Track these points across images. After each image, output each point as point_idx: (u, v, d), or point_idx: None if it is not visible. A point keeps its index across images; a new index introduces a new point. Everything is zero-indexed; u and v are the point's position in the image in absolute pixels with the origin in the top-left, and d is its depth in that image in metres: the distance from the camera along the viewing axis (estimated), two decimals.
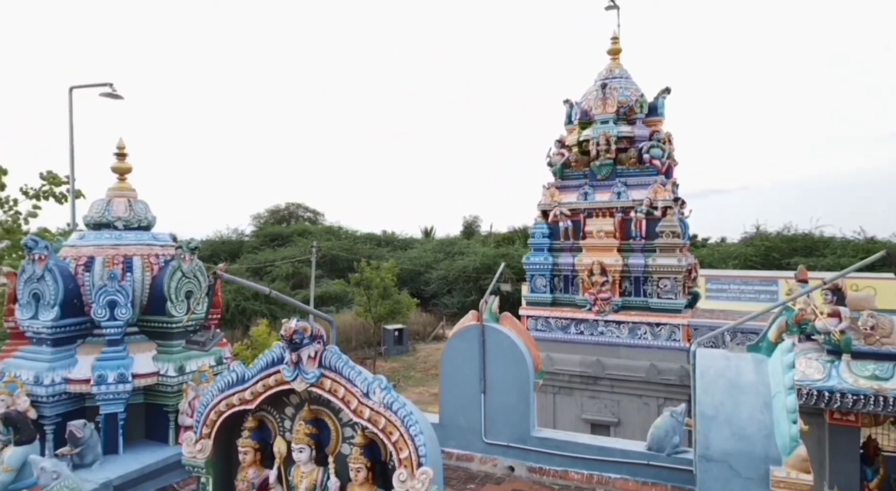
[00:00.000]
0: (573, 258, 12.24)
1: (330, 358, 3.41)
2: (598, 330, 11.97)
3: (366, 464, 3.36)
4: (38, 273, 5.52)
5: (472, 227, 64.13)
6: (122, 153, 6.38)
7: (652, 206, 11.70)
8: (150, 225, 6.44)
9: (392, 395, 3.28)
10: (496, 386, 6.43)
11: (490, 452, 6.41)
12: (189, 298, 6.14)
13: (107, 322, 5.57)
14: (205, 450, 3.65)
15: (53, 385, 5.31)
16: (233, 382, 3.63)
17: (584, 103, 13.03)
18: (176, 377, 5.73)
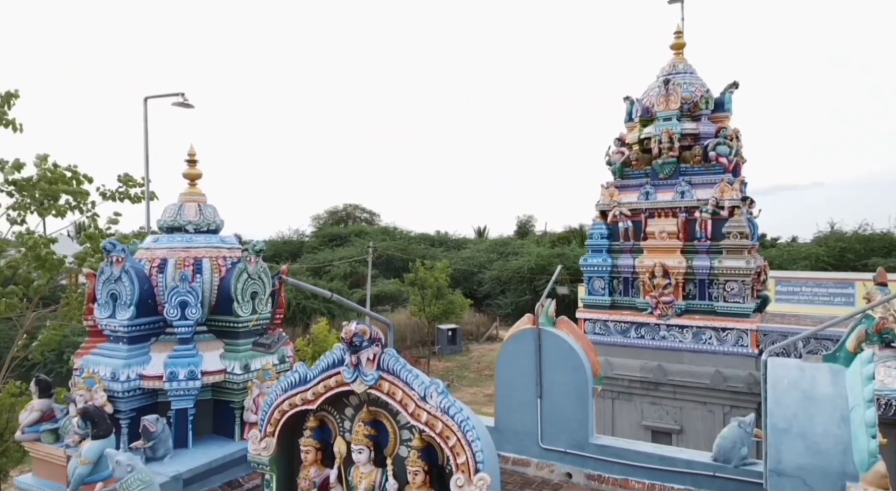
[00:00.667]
0: (633, 260, 11.94)
1: (388, 361, 3.45)
2: (660, 334, 11.62)
3: (423, 467, 3.38)
4: (116, 274, 5.83)
5: (527, 226, 63.60)
6: (193, 160, 6.66)
7: (718, 206, 11.26)
8: (218, 228, 6.70)
9: (449, 399, 3.29)
10: (553, 391, 6.35)
11: (547, 458, 6.33)
12: (254, 299, 6.34)
13: (178, 321, 5.83)
14: (269, 447, 3.77)
15: (129, 381, 5.59)
16: (295, 383, 3.73)
17: (646, 100, 12.68)
18: (242, 375, 5.94)
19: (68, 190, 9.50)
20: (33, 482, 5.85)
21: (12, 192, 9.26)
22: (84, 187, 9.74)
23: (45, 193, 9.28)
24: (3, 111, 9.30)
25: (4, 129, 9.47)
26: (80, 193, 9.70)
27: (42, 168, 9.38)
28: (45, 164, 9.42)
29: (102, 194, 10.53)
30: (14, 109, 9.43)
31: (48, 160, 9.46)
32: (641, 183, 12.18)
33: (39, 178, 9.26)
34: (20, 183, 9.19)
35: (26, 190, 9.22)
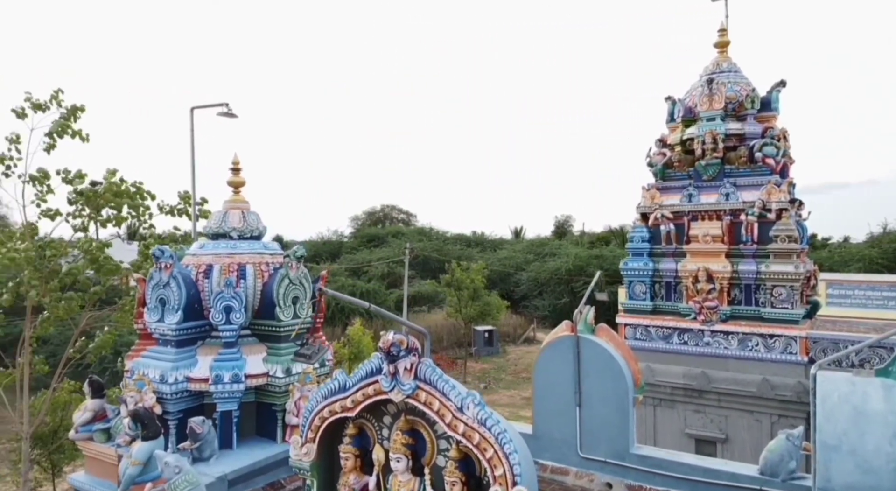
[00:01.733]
0: (676, 264, 11.69)
1: (425, 371, 3.48)
2: (704, 340, 11.35)
3: (461, 478, 3.39)
4: (165, 280, 6.04)
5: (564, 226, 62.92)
6: (237, 168, 6.84)
7: (765, 209, 10.94)
8: (261, 235, 6.87)
9: (486, 411, 3.29)
10: (592, 399, 6.27)
11: (586, 467, 6.26)
12: (295, 304, 6.48)
13: (223, 325, 6.01)
14: (310, 453, 3.85)
15: (177, 383, 5.79)
16: (335, 390, 3.80)
17: (689, 100, 12.41)
18: (283, 378, 6.07)
19: (131, 204, 9.95)
20: (86, 480, 6.10)
21: (77, 201, 9.72)
22: (147, 203, 10.20)
23: (108, 205, 9.74)
24: (69, 123, 9.77)
25: (71, 139, 9.95)
26: (143, 209, 10.16)
27: (109, 181, 9.83)
28: (113, 178, 9.87)
29: (161, 208, 10.96)
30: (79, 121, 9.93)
31: (116, 174, 9.91)
32: (684, 185, 11.92)
33: (105, 190, 9.70)
34: (87, 193, 9.65)
35: (92, 201, 9.67)
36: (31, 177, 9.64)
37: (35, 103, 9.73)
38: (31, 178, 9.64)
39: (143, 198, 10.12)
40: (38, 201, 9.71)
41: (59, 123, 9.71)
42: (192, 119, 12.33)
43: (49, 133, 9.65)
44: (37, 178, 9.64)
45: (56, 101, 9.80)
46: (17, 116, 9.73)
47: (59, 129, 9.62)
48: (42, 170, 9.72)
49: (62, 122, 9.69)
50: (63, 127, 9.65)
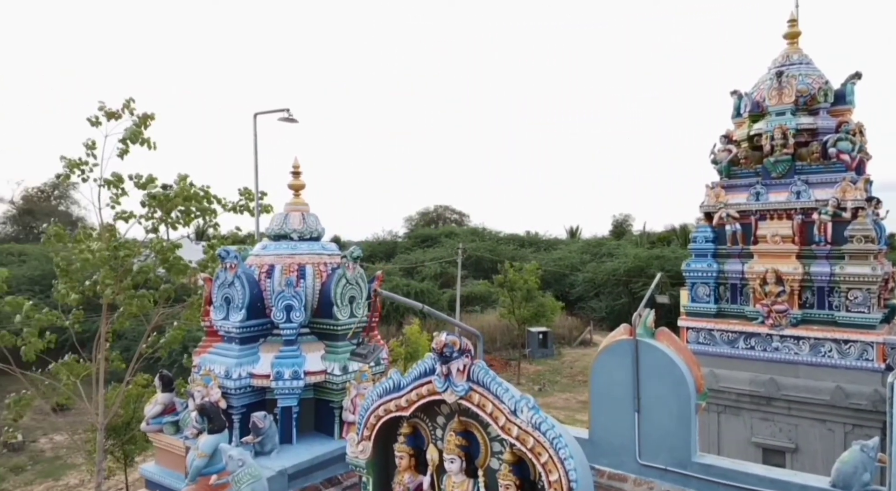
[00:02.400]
0: (742, 265, 11.21)
1: (478, 373, 3.48)
2: (773, 346, 10.84)
3: (515, 482, 3.37)
4: (230, 279, 6.28)
5: (623, 226, 61.39)
6: (297, 171, 7.04)
7: (839, 207, 10.33)
8: (320, 236, 7.04)
9: (540, 415, 3.26)
10: (652, 406, 6.10)
11: (645, 474, 6.09)
12: (352, 303, 6.61)
13: (284, 324, 6.19)
14: (365, 451, 3.91)
15: (240, 379, 6.01)
16: (390, 389, 3.85)
17: (756, 94, 11.87)
18: (340, 376, 6.21)
19: (199, 207, 10.43)
20: (155, 470, 6.40)
21: (150, 204, 10.27)
22: (213, 207, 10.67)
23: (178, 209, 10.26)
24: (140, 131, 10.32)
25: (140, 146, 10.51)
26: (210, 212, 10.64)
27: (181, 186, 10.34)
28: (184, 183, 10.39)
29: (223, 206, 11.41)
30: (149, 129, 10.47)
31: (187, 180, 10.42)
32: (751, 183, 11.41)
33: (176, 194, 10.21)
34: (160, 197, 10.18)
35: (163, 205, 10.20)
36: (105, 181, 10.22)
37: (108, 112, 10.30)
38: (106, 182, 10.22)
39: (209, 202, 10.57)
40: (113, 204, 10.29)
41: (132, 130, 10.25)
42: (255, 124, 12.81)
43: (123, 139, 10.20)
44: (111, 182, 10.21)
45: (128, 110, 10.35)
46: (91, 125, 10.31)
47: (132, 136, 10.15)
48: (116, 174, 10.30)
49: (135, 128, 10.22)
50: (135, 134, 10.19)
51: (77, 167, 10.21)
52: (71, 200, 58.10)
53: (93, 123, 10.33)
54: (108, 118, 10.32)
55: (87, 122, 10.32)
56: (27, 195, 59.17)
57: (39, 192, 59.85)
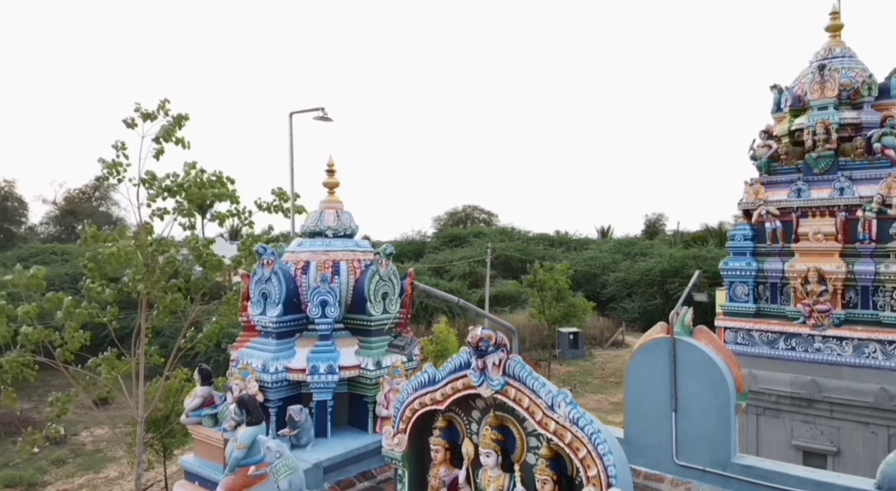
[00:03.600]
0: (783, 264, 10.91)
1: (514, 367, 3.46)
2: (814, 346, 10.53)
3: (552, 477, 3.35)
4: (266, 275, 6.39)
5: (656, 226, 60.33)
6: (332, 170, 7.12)
7: (884, 204, 9.98)
8: (353, 233, 7.11)
9: (578, 410, 3.23)
10: (690, 406, 5.98)
11: (683, 475, 5.98)
12: (385, 299, 6.66)
13: (319, 319, 6.27)
14: (401, 444, 3.93)
15: (277, 373, 6.11)
16: (425, 383, 3.86)
17: (797, 88, 11.55)
18: (374, 371, 6.26)
19: (215, 193, 10.59)
20: (195, 462, 6.55)
21: (165, 197, 10.48)
22: (231, 189, 10.79)
23: (193, 197, 10.44)
24: (174, 129, 10.56)
25: (175, 146, 10.74)
26: (228, 196, 10.77)
27: (190, 174, 10.53)
28: (193, 170, 10.56)
29: (259, 206, 11.60)
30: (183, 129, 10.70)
31: (196, 166, 10.60)
32: (792, 179, 11.10)
33: (188, 183, 10.40)
34: (173, 189, 10.39)
35: (177, 194, 10.40)
36: (141, 180, 10.47)
37: (144, 113, 10.55)
38: (142, 181, 10.47)
39: (223, 185, 10.69)
40: (149, 202, 10.54)
41: (165, 129, 10.46)
42: (291, 124, 12.98)
43: (156, 138, 10.43)
44: (146, 181, 10.46)
45: (163, 111, 10.59)
46: (127, 126, 10.55)
47: (165, 134, 10.37)
48: (150, 172, 10.53)
49: (168, 127, 10.43)
50: (169, 132, 10.40)
51: (114, 168, 10.46)
52: (111, 201, 59.86)
53: (128, 125, 10.58)
54: (143, 119, 10.57)
55: (123, 123, 10.60)
56: (69, 196, 61.25)
57: (81, 194, 61.78)
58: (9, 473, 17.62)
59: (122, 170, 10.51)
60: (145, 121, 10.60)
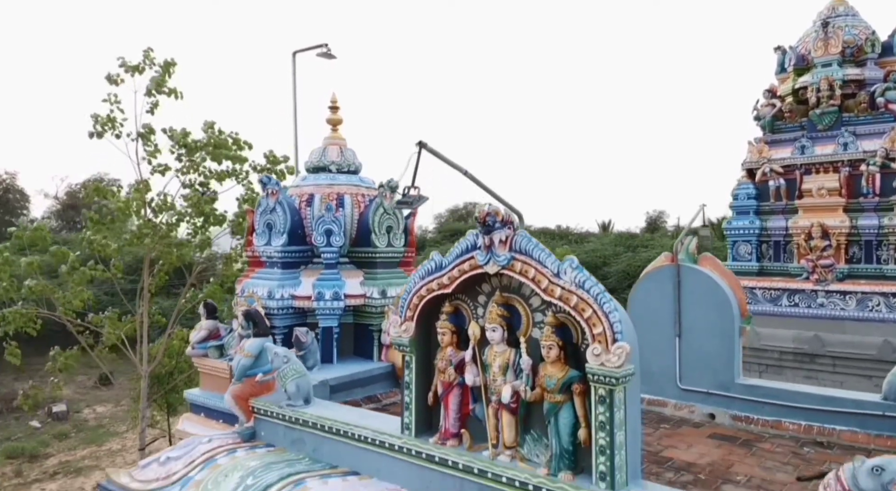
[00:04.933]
0: (786, 221, 10.92)
1: (520, 242, 3.48)
2: (817, 302, 10.54)
3: (557, 342, 3.36)
4: (271, 206, 6.41)
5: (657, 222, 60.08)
6: (335, 106, 7.14)
7: (888, 158, 9.99)
8: (357, 170, 7.12)
9: (584, 274, 3.25)
10: (694, 330, 6.00)
11: (686, 399, 6.00)
12: (389, 233, 6.69)
13: (324, 248, 6.30)
14: (409, 330, 3.95)
15: (283, 299, 6.14)
16: (432, 270, 3.88)
17: (801, 47, 11.54)
18: (379, 299, 6.29)
19: (230, 155, 10.58)
20: (200, 394, 6.57)
21: (181, 156, 10.45)
22: (243, 154, 10.79)
23: (210, 157, 10.42)
24: (164, 80, 10.42)
25: (167, 98, 10.61)
26: (240, 159, 10.76)
27: (209, 134, 10.49)
28: (212, 130, 10.52)
29: (254, 169, 11.57)
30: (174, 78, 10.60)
31: (214, 126, 10.56)
32: (796, 136, 11.09)
33: (207, 142, 10.37)
34: (190, 146, 10.35)
35: (195, 153, 10.37)
36: (138, 134, 10.40)
37: (130, 66, 10.27)
38: (139, 136, 10.40)
39: (240, 148, 10.68)
40: (149, 158, 10.49)
41: (155, 81, 10.29)
42: (295, 63, 12.80)
43: (148, 91, 10.30)
44: (143, 135, 10.39)
45: (148, 60, 10.32)
46: (110, 83, 10.24)
47: (156, 86, 10.23)
48: (147, 125, 10.44)
49: (158, 78, 10.27)
50: (160, 83, 10.26)
51: (107, 124, 10.32)
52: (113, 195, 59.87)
53: (112, 81, 10.29)
54: (130, 73, 10.31)
55: (107, 80, 10.29)
56: (70, 191, 61.28)
57: (82, 188, 61.82)
58: (10, 445, 17.71)
59: (119, 125, 10.41)
60: (132, 74, 10.34)
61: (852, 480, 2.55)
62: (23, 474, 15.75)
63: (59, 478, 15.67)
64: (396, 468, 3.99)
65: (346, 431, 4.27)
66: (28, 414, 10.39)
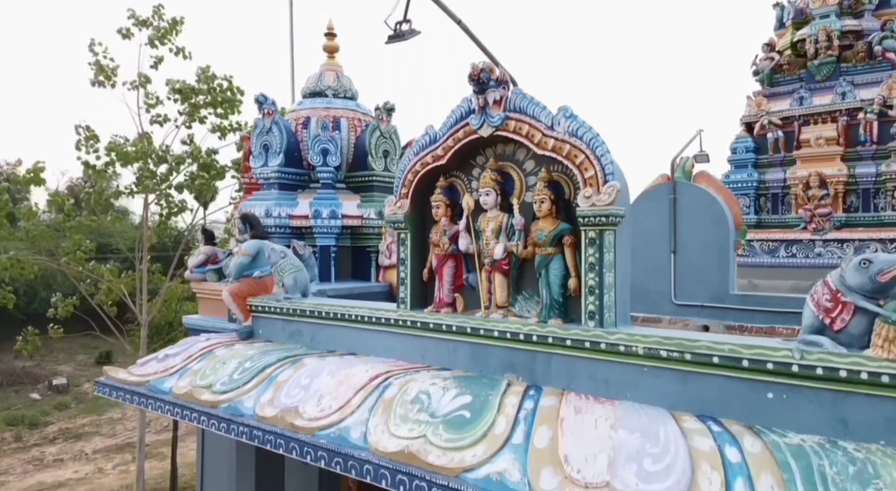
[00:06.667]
0: (784, 173, 10.91)
1: (514, 100, 3.48)
2: (815, 251, 10.54)
3: (549, 196, 3.39)
4: (267, 126, 6.42)
5: None
6: (332, 33, 7.14)
7: (886, 105, 9.98)
8: (354, 96, 7.14)
9: (577, 121, 3.26)
10: (690, 246, 6.04)
11: (681, 314, 6.04)
12: (386, 157, 6.70)
13: (321, 167, 6.32)
14: (403, 207, 3.97)
15: (279, 218, 6.16)
16: (426, 144, 3.89)
17: (799, 1, 11.53)
18: (377, 220, 6.31)
19: (225, 98, 10.56)
20: (199, 319, 6.60)
21: (177, 99, 10.45)
22: (238, 98, 10.77)
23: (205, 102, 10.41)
24: (172, 38, 10.47)
25: (174, 56, 10.67)
26: (234, 102, 10.72)
27: (204, 78, 10.47)
28: (207, 74, 10.50)
29: None
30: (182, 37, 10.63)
31: (209, 70, 10.54)
32: (794, 88, 11.08)
33: (200, 88, 10.36)
34: (185, 91, 10.35)
35: (189, 97, 10.37)
36: (138, 83, 10.42)
37: (139, 20, 10.37)
38: (139, 85, 10.42)
39: (233, 93, 10.67)
40: (148, 106, 10.50)
41: (158, 32, 10.32)
42: None
43: (150, 42, 10.32)
44: (142, 84, 10.41)
45: (158, 16, 10.42)
46: (122, 37, 10.39)
47: (160, 36, 10.26)
48: (143, 74, 10.47)
49: (162, 30, 10.32)
50: (163, 34, 10.28)
51: (103, 72, 10.33)
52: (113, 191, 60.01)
53: (124, 36, 10.40)
54: (139, 27, 10.40)
55: (119, 34, 10.40)
56: (72, 185, 61.39)
57: (84, 182, 61.87)
58: (10, 413, 17.79)
59: (113, 73, 10.40)
60: (141, 28, 10.45)
61: (839, 281, 2.58)
62: (22, 439, 15.82)
63: (58, 442, 15.76)
64: (393, 343, 4.01)
65: (344, 313, 4.29)
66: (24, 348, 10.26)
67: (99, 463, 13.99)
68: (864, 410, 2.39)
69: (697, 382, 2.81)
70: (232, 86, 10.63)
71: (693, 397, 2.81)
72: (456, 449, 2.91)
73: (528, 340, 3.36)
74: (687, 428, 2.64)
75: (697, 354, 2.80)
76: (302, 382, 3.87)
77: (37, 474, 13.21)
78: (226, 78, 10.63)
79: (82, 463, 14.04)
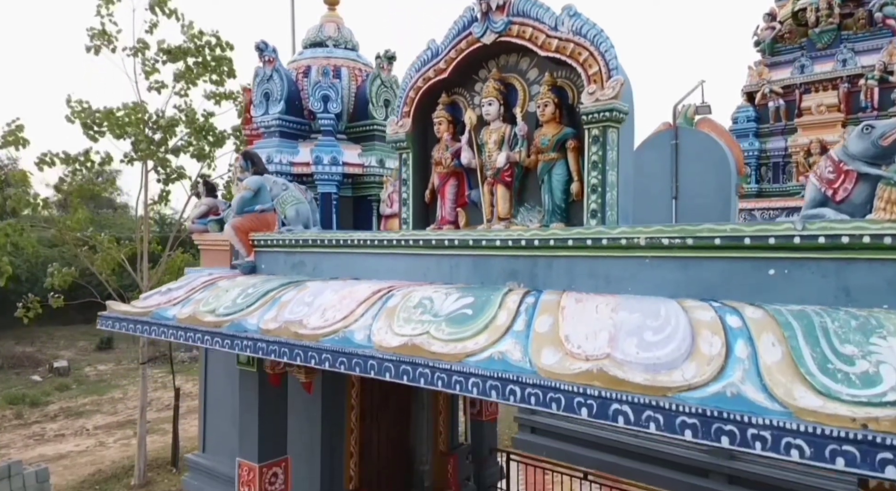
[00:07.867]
0: (785, 141, 10.90)
1: (518, 4, 3.46)
2: None
3: (553, 99, 3.38)
4: (268, 74, 6.40)
5: None
6: None
7: (886, 71, 9.97)
8: (355, 47, 7.11)
9: (581, 19, 3.25)
10: (691, 191, 6.02)
11: None
12: (387, 107, 6.68)
13: (321, 114, 6.31)
14: (405, 126, 3.96)
15: (280, 164, 6.15)
16: (428, 59, 3.88)
17: None
18: (378, 168, 6.31)
19: (214, 55, 10.47)
20: (200, 270, 6.60)
21: (166, 61, 10.38)
22: (227, 54, 10.65)
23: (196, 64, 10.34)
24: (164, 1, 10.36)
25: (167, 19, 10.56)
26: (223, 59, 10.61)
27: (189, 35, 10.37)
28: (192, 31, 10.40)
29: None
30: None
31: (194, 27, 10.44)
32: (795, 57, 11.07)
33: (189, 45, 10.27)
34: (174, 51, 10.28)
35: (178, 57, 10.30)
36: (136, 49, 10.37)
37: None
38: (136, 51, 10.38)
39: (222, 49, 10.57)
40: (145, 73, 10.44)
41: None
42: None
43: (150, 7, 10.25)
44: (139, 49, 10.37)
45: None
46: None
47: (159, 2, 10.20)
48: (141, 40, 10.43)
49: None
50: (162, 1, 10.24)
51: (102, 37, 10.28)
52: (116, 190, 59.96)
53: None
54: None
55: None
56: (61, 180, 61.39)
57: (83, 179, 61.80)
58: (11, 392, 17.81)
59: (114, 38, 10.36)
60: None
61: (842, 152, 2.58)
62: (23, 417, 15.84)
63: (59, 419, 15.76)
64: (395, 264, 3.99)
65: (346, 239, 4.27)
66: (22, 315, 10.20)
67: (100, 437, 14.00)
68: (866, 276, 2.40)
69: (698, 268, 2.82)
70: (221, 42, 10.51)
71: (694, 282, 2.82)
72: (458, 340, 2.91)
73: (529, 245, 3.34)
74: (688, 305, 2.64)
75: (700, 237, 2.80)
76: (305, 299, 3.87)
77: (38, 448, 13.23)
78: (213, 34, 10.52)
79: (83, 438, 14.05)
